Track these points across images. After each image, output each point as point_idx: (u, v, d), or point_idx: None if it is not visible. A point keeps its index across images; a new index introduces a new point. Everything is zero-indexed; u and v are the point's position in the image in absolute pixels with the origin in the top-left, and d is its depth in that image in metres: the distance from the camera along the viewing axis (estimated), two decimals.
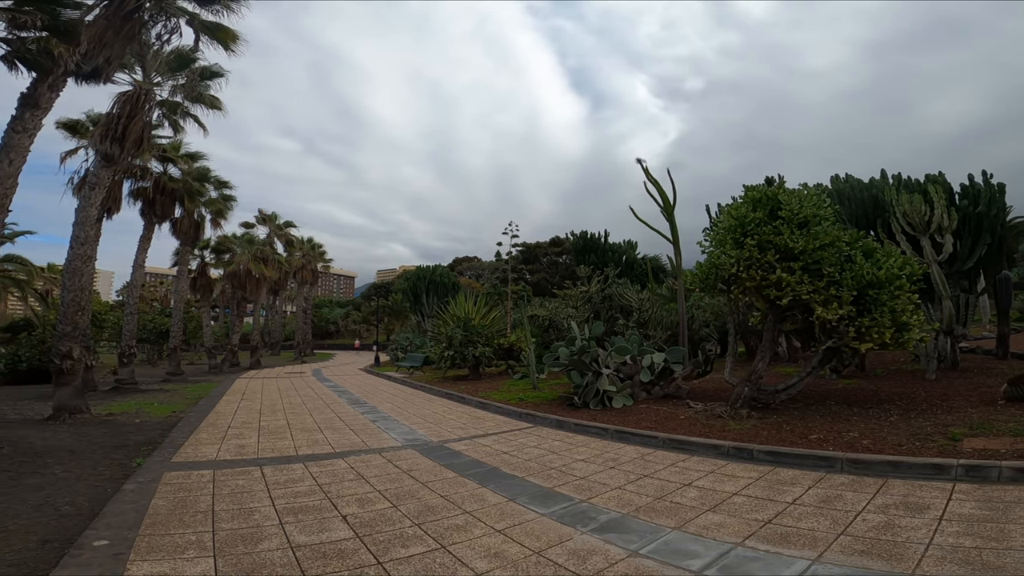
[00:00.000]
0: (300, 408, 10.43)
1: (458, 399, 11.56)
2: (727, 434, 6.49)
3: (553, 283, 64.13)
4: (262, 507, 4.17)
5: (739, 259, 7.58)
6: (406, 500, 4.45)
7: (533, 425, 8.39)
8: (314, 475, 5.25)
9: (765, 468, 5.17)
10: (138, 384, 17.66)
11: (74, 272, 11.86)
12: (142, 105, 12.41)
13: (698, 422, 7.38)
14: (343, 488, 4.79)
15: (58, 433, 8.51)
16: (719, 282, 7.97)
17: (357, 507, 4.21)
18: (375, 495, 4.58)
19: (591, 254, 18.79)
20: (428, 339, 26.42)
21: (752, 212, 7.75)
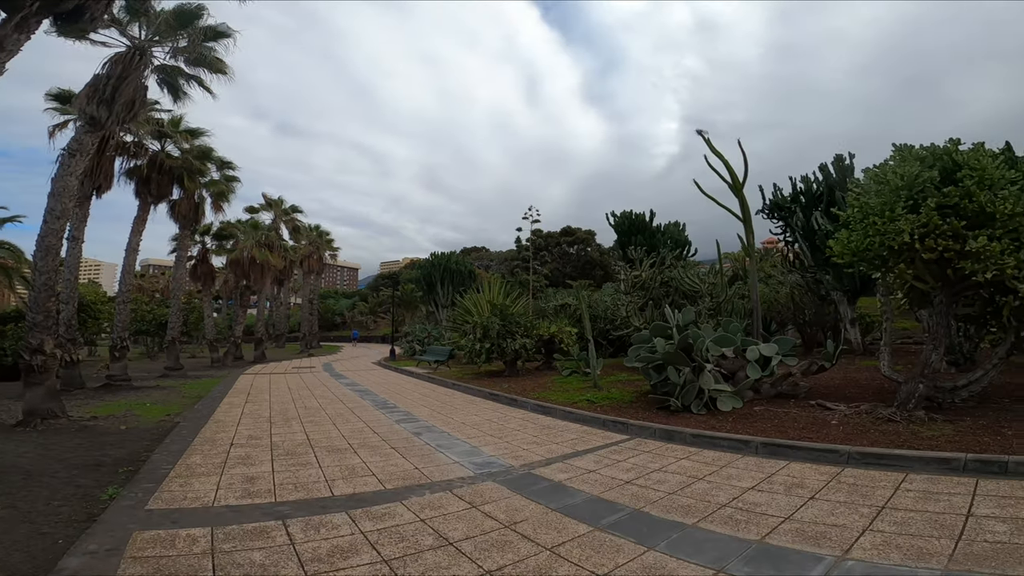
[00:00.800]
0: (319, 414, 8.53)
1: (507, 401, 9.64)
2: (935, 443, 4.98)
3: (565, 273, 62.26)
4: None
5: (915, 226, 5.69)
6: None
7: (629, 437, 6.51)
8: (371, 538, 3.34)
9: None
10: (131, 380, 15.91)
11: (47, 250, 9.95)
12: (136, 66, 10.63)
13: (862, 428, 5.81)
14: (427, 566, 2.89)
15: (22, 445, 6.69)
16: (882, 254, 6.04)
17: None
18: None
19: (637, 235, 16.80)
20: (445, 330, 24.56)
21: (927, 171, 5.87)
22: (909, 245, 5.76)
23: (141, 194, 17.76)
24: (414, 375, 15.31)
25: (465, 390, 11.42)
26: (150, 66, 11.56)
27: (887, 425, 5.71)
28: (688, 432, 6.20)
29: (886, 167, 6.33)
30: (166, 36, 11.38)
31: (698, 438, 6.07)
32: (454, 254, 31.51)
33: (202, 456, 5.61)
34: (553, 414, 8.26)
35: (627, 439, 6.44)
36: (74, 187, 10.26)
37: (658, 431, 6.48)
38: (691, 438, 6.11)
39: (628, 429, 6.80)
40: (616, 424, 7.03)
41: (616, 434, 6.73)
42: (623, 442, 6.27)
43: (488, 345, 12.31)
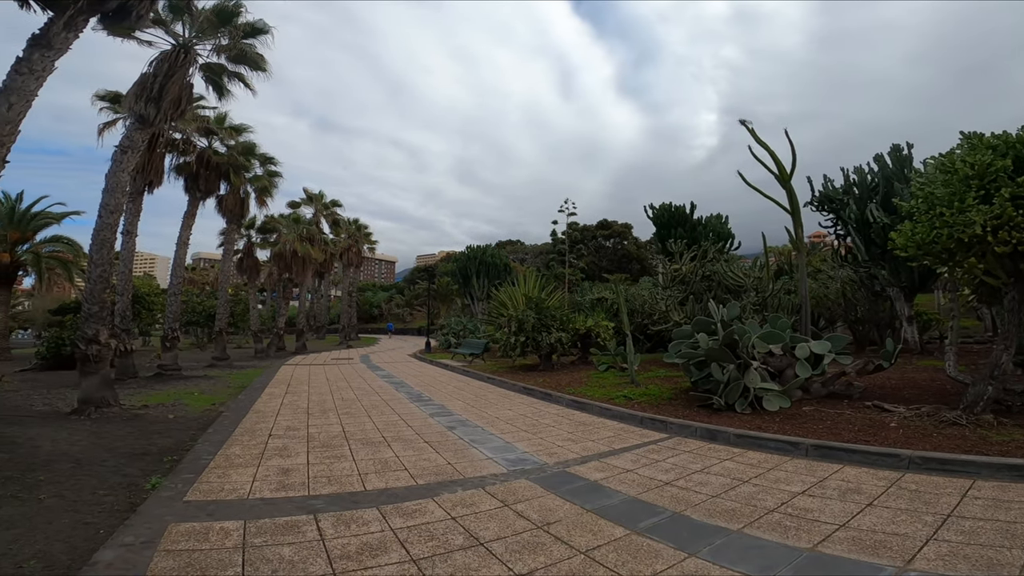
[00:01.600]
0: (355, 406, 8.60)
1: (542, 396, 9.49)
2: (1005, 448, 4.64)
3: (601, 267, 61.40)
4: None
5: (987, 217, 5.20)
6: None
7: (669, 436, 6.26)
8: (400, 536, 3.27)
9: None
10: (181, 370, 16.59)
11: (102, 243, 10.37)
12: (181, 64, 10.97)
13: (924, 432, 5.43)
14: (456, 567, 2.79)
15: (75, 433, 6.94)
16: (949, 247, 5.56)
17: None
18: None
19: (677, 228, 16.25)
20: (480, 323, 24.61)
21: (1000, 159, 5.35)
22: (980, 238, 5.28)
23: (190, 189, 18.45)
24: (449, 368, 15.37)
25: (499, 384, 11.34)
26: (195, 64, 11.87)
27: (952, 429, 5.28)
28: (732, 432, 5.90)
29: (953, 156, 5.82)
30: (208, 34, 11.66)
31: (743, 438, 5.78)
32: (489, 247, 31.50)
33: (241, 447, 5.70)
34: (589, 410, 8.06)
35: (666, 438, 6.19)
36: (126, 182, 10.65)
37: (699, 430, 6.21)
38: (735, 438, 5.82)
39: (668, 427, 6.54)
40: (655, 422, 6.78)
41: (655, 432, 6.48)
42: (662, 441, 6.03)
43: (523, 339, 12.18)
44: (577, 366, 13.42)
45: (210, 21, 11.18)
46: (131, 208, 15.93)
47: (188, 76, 11.36)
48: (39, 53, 6.40)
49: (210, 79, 13.21)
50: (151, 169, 16.17)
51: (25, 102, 6.79)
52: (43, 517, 3.87)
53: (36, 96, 7.13)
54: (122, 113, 15.87)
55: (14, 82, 6.33)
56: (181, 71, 10.91)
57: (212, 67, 12.84)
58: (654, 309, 12.72)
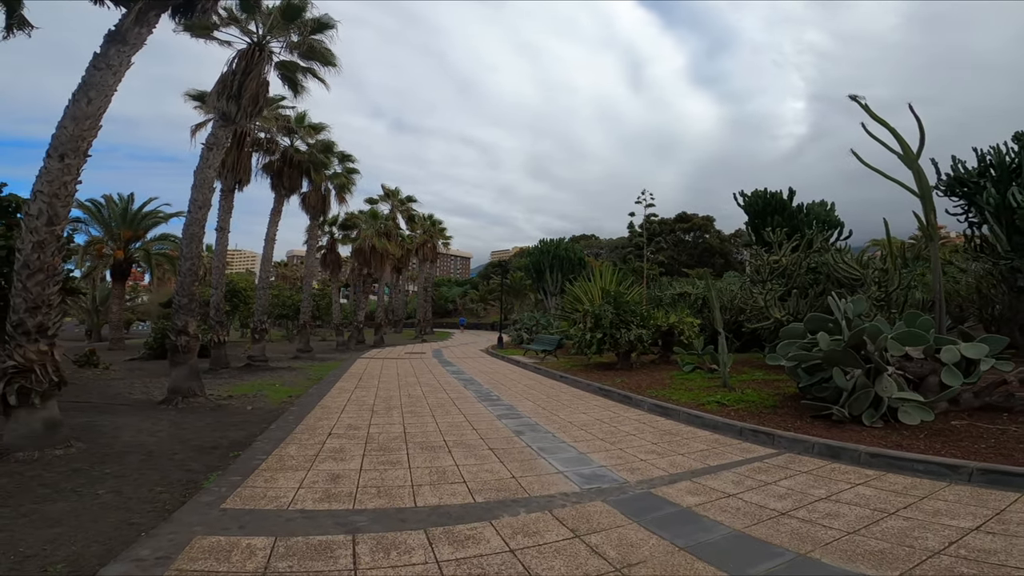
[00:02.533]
0: (420, 404, 8.23)
1: (621, 398, 8.62)
2: None
3: (680, 261, 58.36)
4: None
5: None
6: None
7: (777, 451, 5.24)
8: (446, 571, 2.67)
9: None
10: (268, 361, 17.29)
11: (192, 238, 10.79)
12: (256, 61, 11.27)
13: None
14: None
15: (159, 423, 7.09)
16: None
17: None
18: None
19: (774, 216, 14.56)
20: (553, 318, 23.91)
21: None
22: None
23: (276, 187, 19.28)
24: (520, 364, 14.82)
25: (573, 383, 10.58)
26: (270, 62, 12.16)
27: None
28: (863, 450, 4.80)
29: None
30: (279, 31, 11.86)
31: (878, 458, 4.67)
32: (563, 241, 30.65)
33: (298, 446, 5.42)
34: (675, 416, 7.11)
35: (774, 453, 5.17)
36: (212, 178, 11.01)
37: (817, 446, 5.13)
38: (867, 458, 4.72)
39: (775, 441, 5.49)
40: (758, 434, 5.74)
41: (759, 447, 5.46)
42: (769, 457, 5.03)
43: (600, 335, 11.32)
44: (658, 366, 12.34)
45: (278, 18, 11.37)
46: (223, 205, 16.82)
47: (264, 73, 11.64)
48: (115, 49, 6.51)
49: (285, 76, 13.53)
50: (240, 167, 16.93)
51: (104, 97, 6.96)
52: (91, 515, 3.71)
53: (115, 91, 7.29)
54: (208, 112, 16.89)
55: (92, 77, 6.48)
56: (257, 68, 11.19)
57: (286, 64, 13.11)
58: (747, 304, 11.34)
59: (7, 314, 5.87)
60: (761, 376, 9.39)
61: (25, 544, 3.14)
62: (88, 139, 6.91)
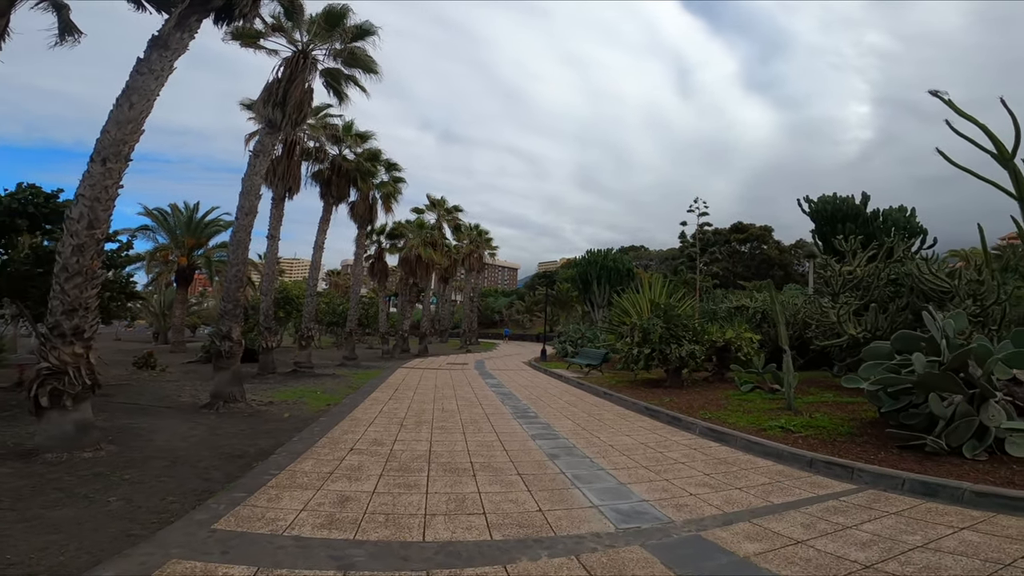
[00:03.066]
0: (452, 420, 7.81)
1: (669, 420, 7.88)
2: None
3: (736, 273, 55.71)
4: None
5: None
6: None
7: (857, 487, 4.47)
8: None
9: None
10: (314, 368, 17.45)
11: (238, 244, 10.92)
12: (301, 68, 11.46)
13: None
14: None
15: (196, 427, 7.06)
16: None
17: None
18: None
19: (845, 223, 13.30)
20: (599, 331, 23.11)
21: None
22: None
23: (324, 196, 19.66)
24: (563, 379, 14.20)
25: (618, 401, 9.88)
26: (315, 70, 12.35)
27: None
28: (967, 487, 4.00)
29: None
30: (322, 38, 11.98)
31: (986, 497, 3.88)
32: (611, 251, 29.80)
33: (315, 461, 5.11)
34: (731, 442, 6.33)
35: (853, 490, 4.39)
36: (259, 185, 11.11)
37: (909, 482, 4.32)
38: (973, 496, 3.92)
39: (854, 475, 4.69)
40: (832, 466, 4.93)
41: (833, 481, 4.67)
42: (848, 495, 4.26)
43: (648, 350, 10.56)
44: (711, 384, 11.40)
45: (321, 25, 11.51)
46: (274, 214, 17.27)
47: (308, 81, 11.87)
48: (157, 53, 6.58)
49: (330, 84, 13.75)
50: (290, 176, 17.33)
51: (146, 101, 7.01)
52: (94, 523, 3.55)
53: (157, 96, 7.37)
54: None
55: (135, 82, 6.55)
56: (301, 75, 11.38)
57: (331, 72, 13.33)
58: (813, 319, 10.27)
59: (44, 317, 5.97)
60: (831, 398, 8.38)
61: (15, 551, 3.02)
62: (130, 143, 6.98)
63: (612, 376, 13.94)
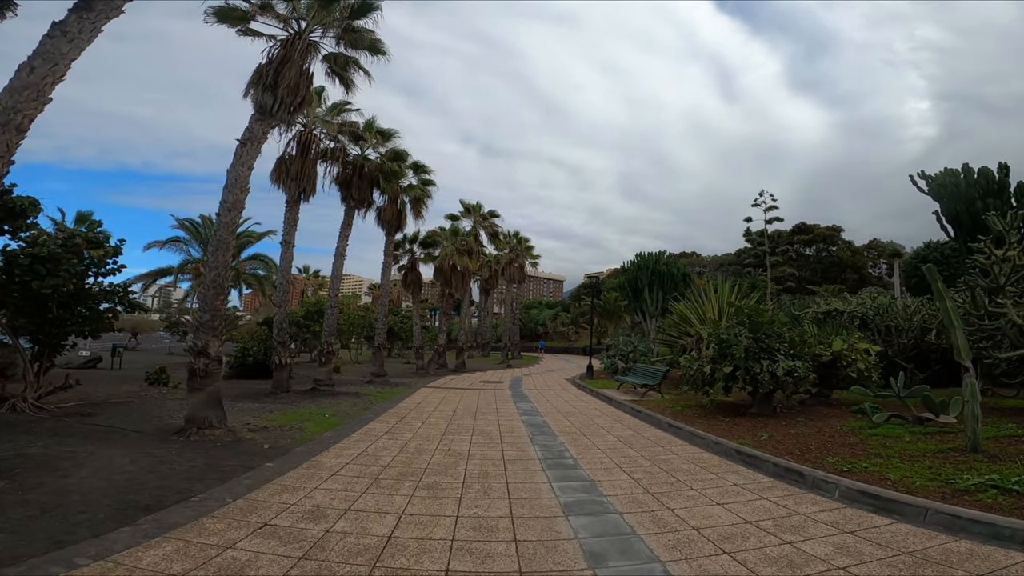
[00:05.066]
0: (453, 472, 5.43)
1: (780, 472, 5.21)
2: None
3: (801, 278, 50.80)
4: None
5: None
6: None
7: None
8: None
9: None
10: (334, 386, 15.68)
11: (219, 244, 9.24)
12: (295, 50, 9.80)
13: None
14: None
15: (140, 460, 5.69)
16: None
17: None
18: None
19: (986, 199, 10.12)
20: (653, 343, 20.27)
21: None
22: None
23: (345, 199, 18.00)
24: (612, 402, 11.56)
25: (690, 437, 7.22)
26: (316, 55, 10.95)
27: None
28: None
29: None
30: (319, 18, 10.48)
31: None
32: (664, 254, 26.81)
33: (184, 545, 2.90)
34: (910, 516, 3.67)
35: None
36: (246, 177, 9.60)
37: None
38: None
39: None
40: None
41: None
42: None
43: (728, 368, 7.88)
44: (814, 411, 8.53)
45: (314, 2, 10.01)
46: (288, 218, 15.71)
47: (306, 63, 10.42)
48: (77, 16, 5.19)
49: (334, 71, 12.30)
50: (304, 176, 15.73)
51: (52, 66, 5.53)
52: None
53: (68, 62, 5.79)
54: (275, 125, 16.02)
55: (43, 46, 5.40)
56: (297, 57, 10.02)
57: (334, 58, 11.85)
58: (971, 320, 7.29)
59: None
60: (1015, 429, 5.48)
61: None
62: (27, 113, 5.37)
63: (673, 397, 11.23)
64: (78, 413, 9.09)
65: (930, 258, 37.63)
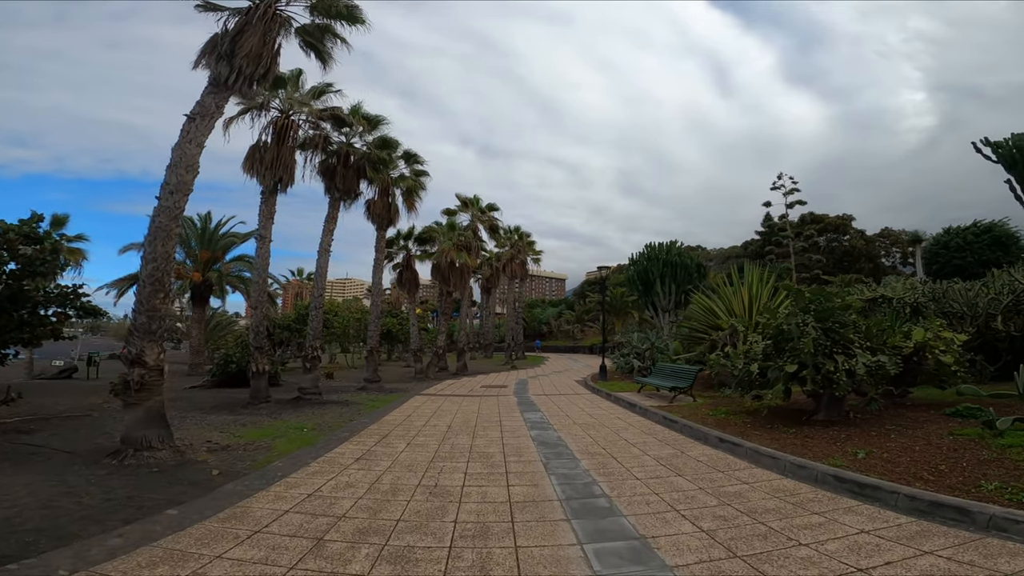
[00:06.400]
0: (437, 527, 3.76)
1: (917, 508, 3.52)
2: None
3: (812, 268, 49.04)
4: None
5: None
6: None
7: None
8: None
9: None
10: (321, 394, 14.11)
11: (157, 232, 7.66)
12: (259, 18, 8.61)
13: None
14: None
15: (40, 490, 4.76)
16: None
17: None
18: None
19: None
20: (670, 339, 18.57)
21: None
22: None
23: (329, 189, 16.36)
24: (636, 409, 9.85)
25: (754, 457, 5.52)
26: (289, 29, 9.53)
27: None
28: None
29: None
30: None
31: None
32: (675, 244, 25.07)
33: None
34: None
35: None
36: (194, 156, 8.15)
37: None
38: None
39: None
40: None
41: None
42: None
43: (793, 368, 6.18)
44: (891, 413, 6.82)
45: None
46: (263, 210, 14.11)
47: (272, 31, 8.99)
48: None
49: (308, 43, 10.97)
50: (280, 165, 14.11)
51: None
52: None
53: None
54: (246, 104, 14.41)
55: None
56: (258, 23, 8.56)
57: (308, 30, 10.47)
58: None
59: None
60: None
61: None
62: None
63: (709, 402, 9.53)
64: (15, 430, 7.96)
65: (951, 244, 35.75)
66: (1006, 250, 32.20)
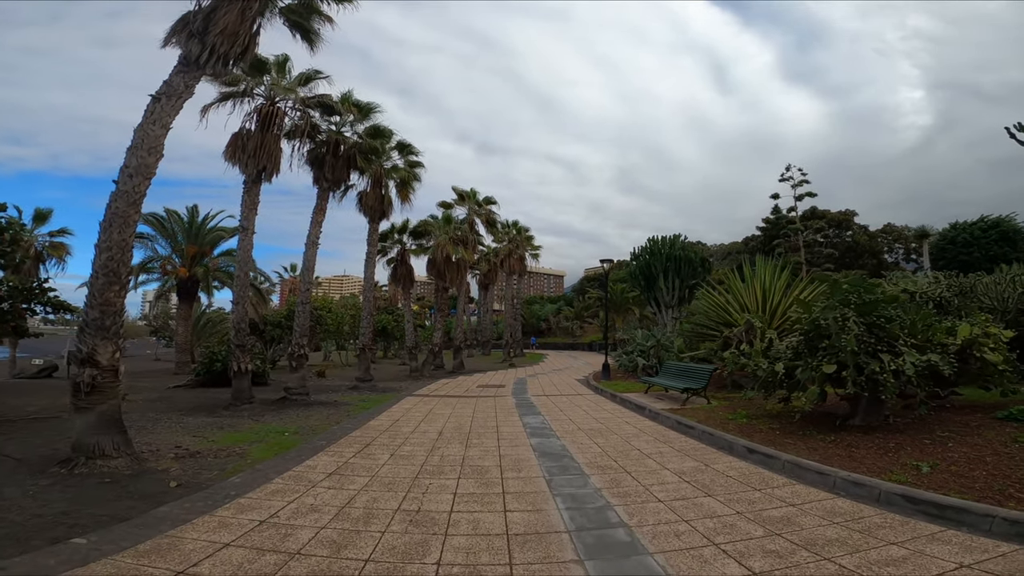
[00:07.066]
0: (422, 564, 2.98)
1: (1019, 534, 2.77)
2: None
3: (814, 264, 48.35)
4: None
5: None
6: None
7: None
8: None
9: None
10: (308, 395, 13.38)
11: (114, 219, 6.89)
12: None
13: None
14: None
15: None
16: None
17: None
18: None
19: None
20: (674, 336, 17.81)
21: None
22: None
23: (318, 180, 15.56)
24: (647, 412, 9.06)
25: (795, 472, 4.73)
26: (273, 9, 9.24)
27: None
28: None
29: None
30: None
31: None
32: (679, 237, 24.31)
33: None
34: None
35: None
36: (157, 138, 7.40)
37: None
38: None
39: None
40: None
41: None
42: None
43: (832, 368, 5.40)
44: (936, 418, 6.07)
45: None
46: (246, 201, 13.28)
47: (252, 9, 8.30)
48: None
49: (295, 24, 10.42)
50: (263, 153, 13.27)
51: None
52: None
53: None
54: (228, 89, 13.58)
55: None
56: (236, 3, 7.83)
57: (292, 8, 9.86)
58: None
59: None
60: None
61: None
62: None
63: (726, 405, 8.76)
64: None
65: (958, 239, 34.98)
66: (1014, 245, 31.59)
